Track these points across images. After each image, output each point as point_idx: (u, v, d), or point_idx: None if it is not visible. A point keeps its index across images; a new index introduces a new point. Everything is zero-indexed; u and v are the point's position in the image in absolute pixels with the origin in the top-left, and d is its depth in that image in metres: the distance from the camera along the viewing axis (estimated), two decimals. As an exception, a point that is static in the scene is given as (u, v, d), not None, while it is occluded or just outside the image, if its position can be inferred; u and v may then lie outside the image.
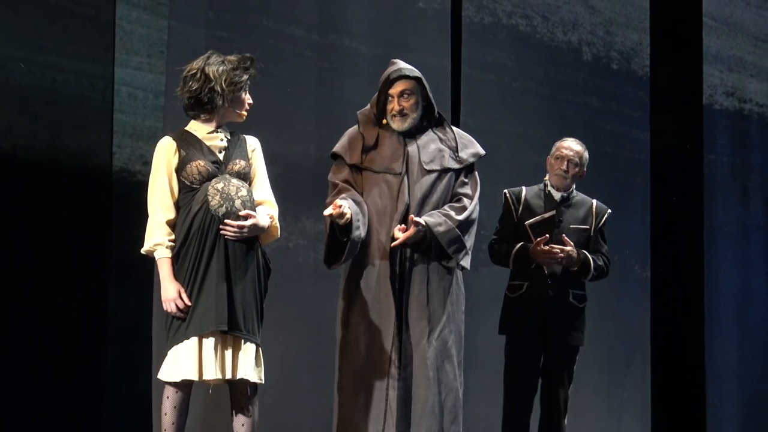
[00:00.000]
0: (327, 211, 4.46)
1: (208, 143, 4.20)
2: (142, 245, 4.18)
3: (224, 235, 4.09)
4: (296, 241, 5.68)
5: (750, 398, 7.89)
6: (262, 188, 4.32)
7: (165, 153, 4.17)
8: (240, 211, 4.11)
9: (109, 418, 5.39)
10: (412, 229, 4.58)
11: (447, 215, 4.67)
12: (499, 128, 6.64)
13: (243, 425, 4.18)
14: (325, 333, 4.88)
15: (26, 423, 5.15)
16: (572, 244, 5.21)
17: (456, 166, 4.79)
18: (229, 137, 4.26)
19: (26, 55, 5.25)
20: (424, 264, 4.67)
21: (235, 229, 4.10)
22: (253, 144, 4.33)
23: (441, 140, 4.81)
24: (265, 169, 4.35)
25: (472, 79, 6.55)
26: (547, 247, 5.16)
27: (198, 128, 4.24)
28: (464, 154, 4.82)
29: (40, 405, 5.20)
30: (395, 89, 4.72)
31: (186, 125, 4.27)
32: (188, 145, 4.18)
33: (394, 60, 4.83)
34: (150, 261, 4.25)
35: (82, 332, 5.31)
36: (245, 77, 4.23)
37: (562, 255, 5.17)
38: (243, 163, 4.23)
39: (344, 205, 4.48)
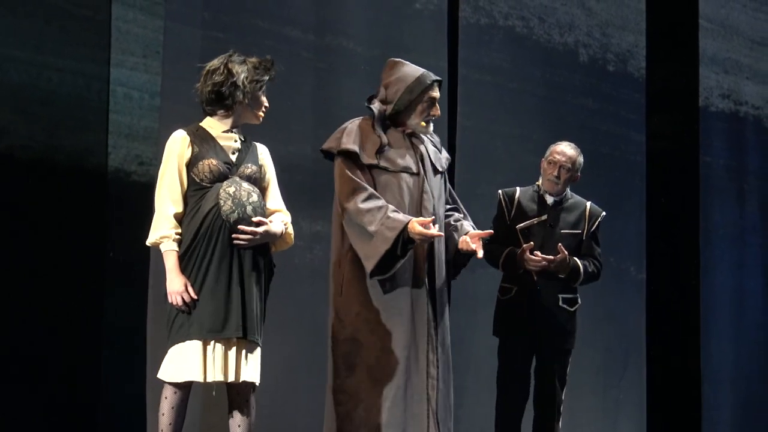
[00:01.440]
0: (435, 232, 4.39)
1: (222, 143, 4.20)
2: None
3: (237, 244, 4.09)
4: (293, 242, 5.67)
5: (746, 400, 7.89)
6: (276, 197, 4.33)
7: (178, 146, 4.15)
8: (252, 217, 4.11)
9: (107, 418, 5.38)
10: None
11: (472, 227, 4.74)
12: (495, 129, 6.63)
13: (239, 426, 4.18)
14: (322, 334, 4.87)
15: (25, 423, 5.14)
16: (566, 253, 5.17)
17: (442, 168, 4.81)
18: (243, 139, 4.26)
19: (23, 55, 5.24)
20: (445, 265, 4.66)
21: (248, 237, 4.10)
22: (263, 152, 4.33)
23: (431, 142, 4.82)
24: (276, 178, 4.35)
25: (469, 80, 6.55)
26: (533, 255, 5.14)
27: (213, 125, 4.22)
28: (443, 158, 4.83)
29: (39, 405, 5.19)
30: (437, 94, 4.68)
31: (201, 121, 4.25)
32: (202, 141, 4.17)
33: (401, 60, 4.74)
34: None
35: (78, 332, 5.30)
36: (266, 78, 4.23)
37: (545, 264, 5.15)
38: (254, 167, 4.23)
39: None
